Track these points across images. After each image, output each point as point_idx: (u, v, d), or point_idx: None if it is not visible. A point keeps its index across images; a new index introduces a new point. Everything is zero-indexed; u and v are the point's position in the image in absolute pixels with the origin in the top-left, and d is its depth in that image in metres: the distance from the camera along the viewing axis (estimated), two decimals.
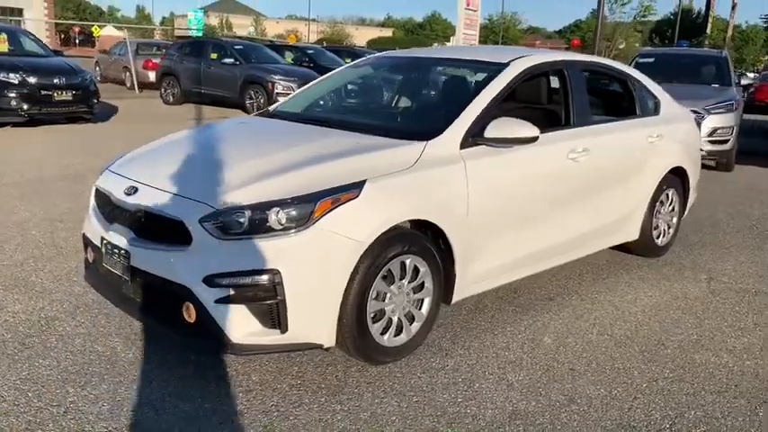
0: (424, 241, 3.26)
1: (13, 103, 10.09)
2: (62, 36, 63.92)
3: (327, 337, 2.96)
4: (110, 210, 3.29)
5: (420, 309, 3.36)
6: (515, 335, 3.69)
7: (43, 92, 10.41)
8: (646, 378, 3.25)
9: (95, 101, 11.37)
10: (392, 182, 3.13)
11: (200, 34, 43.13)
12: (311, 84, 4.76)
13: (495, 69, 3.96)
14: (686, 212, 5.54)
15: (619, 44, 33.64)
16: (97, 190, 3.46)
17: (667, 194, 5.13)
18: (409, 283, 3.26)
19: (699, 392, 3.13)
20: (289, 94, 4.50)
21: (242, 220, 2.82)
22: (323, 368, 3.19)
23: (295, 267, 2.82)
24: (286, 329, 2.85)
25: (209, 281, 2.78)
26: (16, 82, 10.17)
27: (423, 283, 3.33)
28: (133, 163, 3.52)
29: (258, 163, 3.19)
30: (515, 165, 3.72)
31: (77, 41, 65.87)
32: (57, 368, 3.07)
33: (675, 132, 5.12)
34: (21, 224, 5.30)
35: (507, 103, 4.20)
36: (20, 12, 35.49)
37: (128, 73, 19.66)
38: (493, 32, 69.95)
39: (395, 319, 3.24)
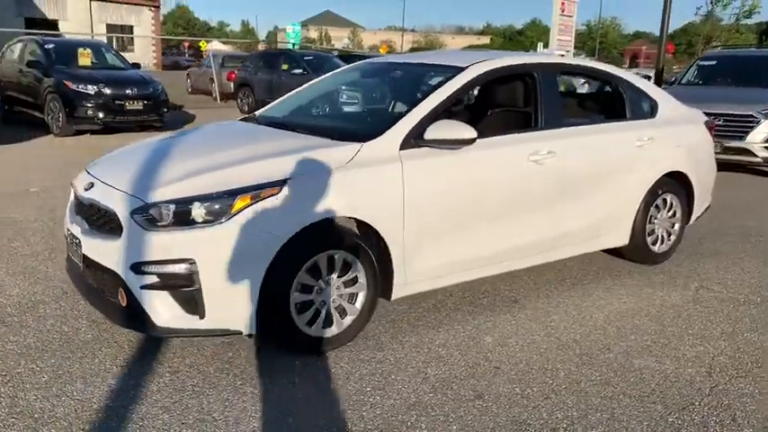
0: (354, 237, 3.40)
1: (90, 112, 10.99)
2: (173, 51, 67.88)
3: (246, 324, 3.16)
4: (76, 204, 3.65)
5: (354, 303, 3.49)
6: (459, 333, 3.75)
7: (117, 102, 11.26)
8: (569, 380, 3.24)
9: (165, 110, 12.16)
10: (318, 180, 3.30)
11: (297, 47, 44.87)
12: (298, 89, 4.99)
13: (450, 73, 4.04)
14: (693, 220, 5.34)
15: (715, 46, 31.95)
16: (72, 186, 3.84)
17: (665, 200, 4.98)
18: (339, 277, 3.40)
19: (617, 396, 3.09)
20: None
21: (167, 213, 3.08)
22: (254, 354, 3.38)
23: (211, 258, 3.04)
24: (204, 316, 3.08)
25: (136, 268, 3.06)
26: (93, 93, 11.07)
27: (356, 277, 3.46)
28: (102, 163, 3.88)
29: (198, 162, 3.45)
30: (462, 166, 3.78)
31: (188, 56, 69.86)
32: (21, 344, 3.44)
33: (675, 136, 4.96)
34: (59, 220, 5.82)
35: (474, 105, 4.26)
36: (130, 29, 38.09)
37: (213, 84, 20.75)
38: (590, 38, 68.09)
39: (323, 312, 3.39)
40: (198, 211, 3.07)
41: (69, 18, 34.80)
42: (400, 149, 3.58)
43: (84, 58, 12.22)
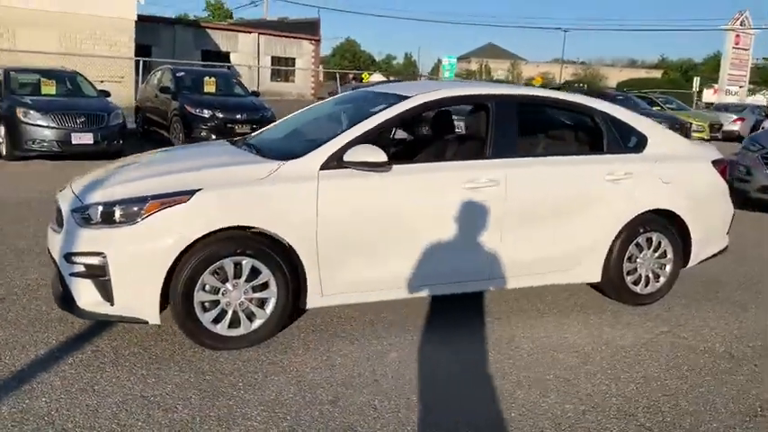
0: (263, 246, 3.73)
1: (203, 133, 12.21)
2: (344, 82, 71.74)
3: (151, 315, 3.60)
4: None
5: (264, 308, 3.81)
6: (369, 347, 3.92)
7: (228, 125, 12.41)
8: (432, 400, 3.31)
9: None
10: (229, 192, 3.68)
11: (452, 78, 45.99)
12: (289, 116, 5.41)
13: (393, 101, 4.26)
14: (694, 262, 5.02)
15: None
16: None
17: (649, 238, 4.77)
18: (247, 282, 3.74)
19: (463, 422, 3.13)
20: None
21: (96, 213, 3.62)
22: (173, 346, 3.80)
23: (119, 253, 3.53)
24: (113, 303, 3.56)
25: (68, 257, 3.62)
26: (207, 116, 12.32)
27: (266, 284, 3.78)
28: (86, 174, 4.51)
29: (145, 172, 3.99)
30: (384, 189, 3.98)
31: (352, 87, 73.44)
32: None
33: (663, 172, 4.75)
34: None
35: (431, 133, 4.43)
36: (293, 61, 41.05)
37: None
38: None
39: (230, 312, 3.74)
40: (118, 213, 3.57)
41: (239, 50, 38.19)
42: (321, 169, 3.87)
43: (210, 86, 13.62)
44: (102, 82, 24.08)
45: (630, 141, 4.84)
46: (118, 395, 3.21)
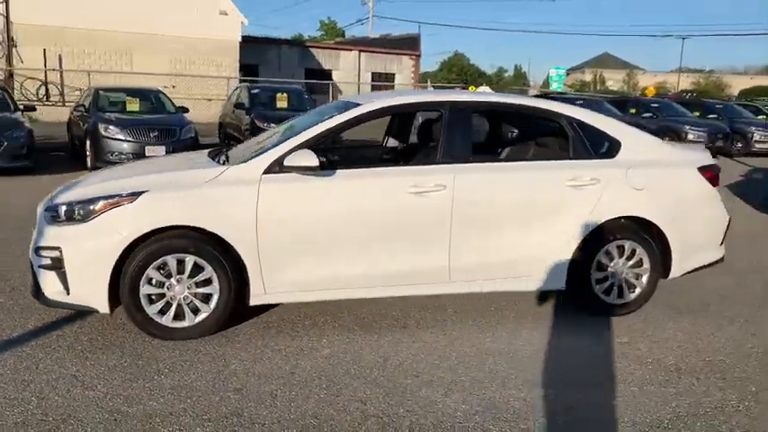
0: (205, 245, 4.01)
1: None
2: None
3: (100, 304, 3.97)
4: None
5: (208, 303, 4.09)
6: (307, 344, 4.10)
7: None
8: (334, 393, 3.44)
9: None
10: (172, 194, 4.01)
11: (560, 89, 45.10)
12: (281, 125, 5.69)
13: (344, 109, 4.44)
14: (679, 273, 4.79)
15: None
16: None
17: (621, 246, 4.63)
18: (190, 278, 4.04)
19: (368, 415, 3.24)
20: None
21: (61, 212, 4.05)
22: (129, 335, 4.16)
23: (72, 248, 3.93)
24: (69, 293, 3.96)
25: (36, 251, 4.07)
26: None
27: (209, 280, 4.06)
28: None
29: (107, 176, 4.40)
30: (327, 192, 4.16)
31: None
32: None
33: (636, 178, 4.59)
34: None
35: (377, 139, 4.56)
36: (393, 77, 41.81)
37: None
38: None
39: (174, 305, 4.05)
40: (77, 212, 3.99)
41: (341, 68, 39.40)
42: (264, 173, 4.11)
43: (282, 101, 14.29)
44: (209, 100, 25.74)
45: (601, 147, 4.72)
46: (54, 373, 3.59)
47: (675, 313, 4.83)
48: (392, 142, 5.17)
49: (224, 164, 4.31)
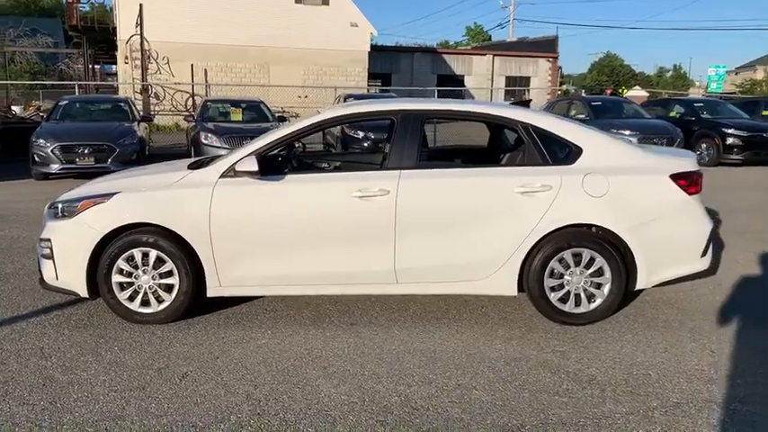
0: (166, 240, 4.52)
1: (357, 150, 13.38)
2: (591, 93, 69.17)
3: (81, 289, 4.61)
4: None
5: (170, 293, 4.61)
6: (250, 334, 4.47)
7: (379, 144, 13.41)
8: (239, 399, 3.79)
9: None
10: (140, 195, 4.57)
11: (720, 90, 41.99)
12: None
13: (308, 117, 4.79)
14: (645, 284, 4.60)
15: None
16: None
17: (578, 254, 4.55)
18: (155, 269, 4.57)
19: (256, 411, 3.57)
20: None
21: (58, 209, 4.76)
22: (113, 319, 4.78)
23: (59, 240, 4.60)
24: (57, 279, 4.65)
25: (40, 242, 4.82)
26: (360, 137, 13.47)
27: (171, 272, 4.58)
28: None
29: (106, 179, 5.06)
30: (276, 195, 4.52)
31: None
32: None
33: (593, 185, 4.50)
34: None
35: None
36: (528, 80, 41.13)
37: None
38: None
39: (140, 293, 4.61)
40: (66, 210, 4.67)
41: (474, 73, 39.44)
42: (221, 177, 4.56)
43: None
44: None
45: (559, 153, 4.65)
46: (26, 345, 4.26)
47: (643, 326, 4.63)
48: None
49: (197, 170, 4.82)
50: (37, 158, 11.98)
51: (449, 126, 14.95)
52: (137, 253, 4.54)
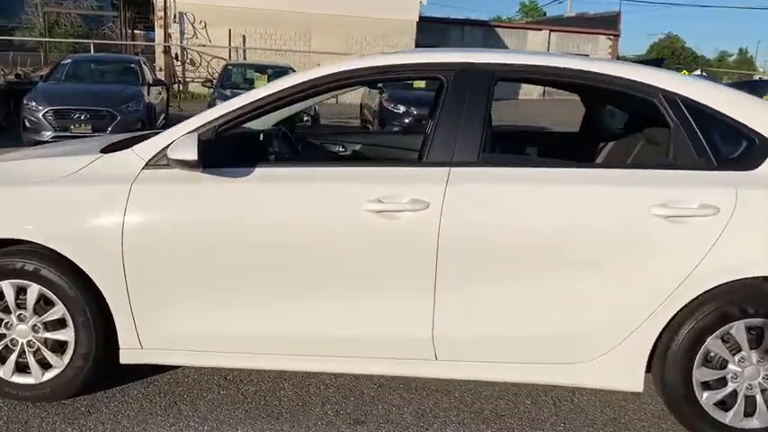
0: (51, 269, 2.69)
1: (396, 128, 11.47)
2: None
3: None
4: None
5: (62, 355, 2.79)
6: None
7: (423, 121, 11.47)
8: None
9: None
10: (13, 192, 2.76)
11: None
12: None
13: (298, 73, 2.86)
14: None
15: None
16: None
17: (757, 330, 2.58)
18: (37, 315, 2.76)
19: None
20: None
21: None
22: None
23: None
24: None
25: None
26: (400, 112, 11.56)
27: (64, 321, 2.76)
28: None
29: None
30: (231, 201, 2.66)
31: None
32: None
33: None
34: None
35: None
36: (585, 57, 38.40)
37: None
38: None
39: (15, 352, 2.80)
40: None
41: (528, 48, 36.86)
42: (146, 168, 2.70)
43: (419, 82, 12.83)
44: None
45: (731, 150, 2.65)
46: None
47: None
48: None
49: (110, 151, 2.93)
50: (28, 123, 10.31)
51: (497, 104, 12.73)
52: (6, 287, 2.73)
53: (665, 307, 2.55)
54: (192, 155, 2.49)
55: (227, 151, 2.80)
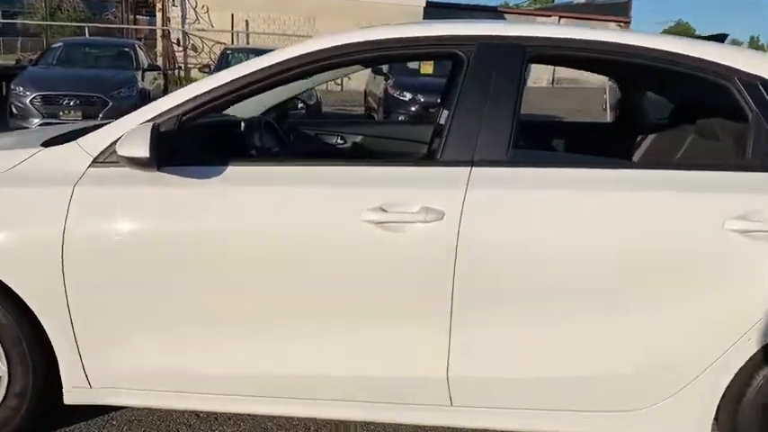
0: None
1: (401, 117, 10.95)
2: None
3: None
4: None
5: None
6: None
7: (429, 109, 10.94)
8: None
9: None
10: None
11: None
12: None
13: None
14: None
15: None
16: None
17: None
18: None
19: None
20: None
21: None
22: None
23: None
24: None
25: None
26: (407, 99, 11.03)
27: None
28: None
29: None
30: (194, 207, 2.14)
31: None
32: None
33: None
34: None
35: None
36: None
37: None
38: None
39: None
40: None
41: None
42: (93, 165, 2.18)
43: (427, 68, 12.30)
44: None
45: None
46: None
47: None
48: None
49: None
50: (14, 110, 9.80)
51: None
52: None
53: (740, 349, 2.02)
54: (143, 151, 1.96)
55: (196, 146, 2.28)
